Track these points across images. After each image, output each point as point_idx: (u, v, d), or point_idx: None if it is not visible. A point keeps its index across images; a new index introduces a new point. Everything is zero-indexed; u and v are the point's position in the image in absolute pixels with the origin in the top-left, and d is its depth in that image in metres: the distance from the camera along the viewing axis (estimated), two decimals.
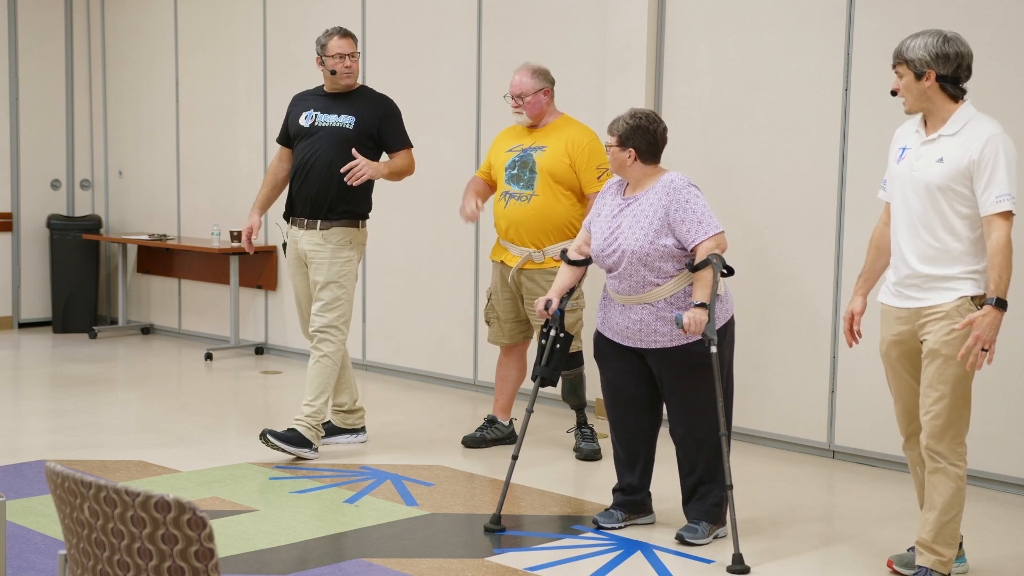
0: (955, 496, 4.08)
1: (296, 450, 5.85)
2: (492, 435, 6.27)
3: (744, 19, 6.36)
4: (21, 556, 4.44)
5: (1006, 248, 3.92)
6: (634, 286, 4.65)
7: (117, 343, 9.53)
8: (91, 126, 10.30)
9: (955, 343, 3.99)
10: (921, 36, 4.10)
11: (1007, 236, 3.93)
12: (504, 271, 6.03)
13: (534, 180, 5.87)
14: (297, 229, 6.02)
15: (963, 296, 4.02)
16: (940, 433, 4.06)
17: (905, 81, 4.10)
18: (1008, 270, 3.93)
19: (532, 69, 5.93)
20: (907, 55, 4.08)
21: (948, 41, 4.06)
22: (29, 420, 6.96)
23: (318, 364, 5.95)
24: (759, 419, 6.32)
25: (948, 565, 4.14)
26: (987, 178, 3.96)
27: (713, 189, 6.04)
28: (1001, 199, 3.92)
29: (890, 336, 4.21)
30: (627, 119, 4.76)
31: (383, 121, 5.99)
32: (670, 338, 4.65)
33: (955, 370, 4.01)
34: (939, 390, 4.03)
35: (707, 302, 4.53)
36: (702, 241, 4.58)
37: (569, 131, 5.92)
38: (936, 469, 4.09)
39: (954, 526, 4.12)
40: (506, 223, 5.95)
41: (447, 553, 4.62)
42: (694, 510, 4.79)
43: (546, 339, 4.98)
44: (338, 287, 5.94)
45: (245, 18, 9.02)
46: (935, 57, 4.04)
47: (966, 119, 4.06)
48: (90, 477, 2.35)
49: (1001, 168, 3.95)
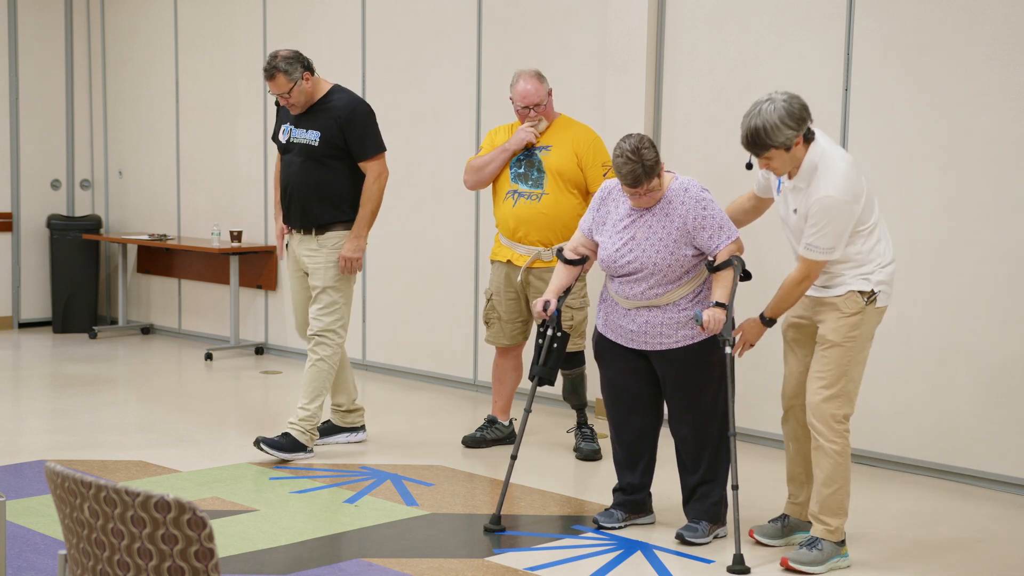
0: (835, 470, 4.44)
1: (290, 455, 5.86)
2: (492, 435, 6.27)
3: (744, 19, 6.36)
4: (21, 556, 4.44)
5: (794, 285, 4.45)
6: (646, 292, 4.64)
7: (117, 343, 9.53)
8: (91, 126, 10.30)
9: (842, 331, 4.40)
10: (765, 115, 4.29)
11: (801, 275, 4.42)
12: (510, 271, 6.01)
13: (543, 179, 5.86)
14: (294, 234, 6.04)
15: (851, 290, 4.42)
16: (820, 412, 4.43)
17: (776, 159, 4.37)
18: (787, 302, 4.50)
19: (535, 75, 5.91)
20: (773, 141, 4.31)
21: (788, 105, 4.30)
22: (29, 420, 6.96)
23: (314, 368, 5.95)
24: (759, 419, 6.32)
25: (836, 533, 4.50)
26: (809, 225, 4.36)
27: (713, 189, 6.01)
28: (810, 248, 4.36)
29: (791, 317, 4.63)
30: (648, 155, 4.53)
31: (346, 131, 5.85)
32: (676, 340, 4.65)
33: (840, 356, 4.41)
34: (823, 373, 4.43)
35: (726, 302, 4.53)
36: (725, 246, 4.59)
37: (573, 130, 5.93)
38: (817, 446, 4.47)
39: (838, 498, 4.47)
40: (515, 222, 5.94)
41: (447, 553, 4.62)
42: (694, 509, 4.79)
43: (543, 338, 4.98)
44: (335, 291, 5.94)
45: (245, 18, 9.02)
46: (797, 125, 4.31)
47: (814, 168, 4.35)
48: (90, 477, 2.35)
49: (818, 221, 4.32)
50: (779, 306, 4.52)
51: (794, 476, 4.76)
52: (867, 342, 4.46)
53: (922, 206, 5.78)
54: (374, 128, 5.94)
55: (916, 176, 5.80)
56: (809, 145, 4.36)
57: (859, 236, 4.40)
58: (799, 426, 4.68)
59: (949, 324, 5.73)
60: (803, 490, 4.73)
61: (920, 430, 5.85)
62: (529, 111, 5.89)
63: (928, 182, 5.77)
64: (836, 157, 4.36)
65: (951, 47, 5.64)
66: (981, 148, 5.59)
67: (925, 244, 5.78)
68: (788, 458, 4.77)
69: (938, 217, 5.75)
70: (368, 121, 5.92)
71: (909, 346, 5.85)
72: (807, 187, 4.36)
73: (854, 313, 4.39)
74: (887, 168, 5.85)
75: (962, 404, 5.71)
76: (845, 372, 4.41)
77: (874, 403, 5.87)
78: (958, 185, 5.67)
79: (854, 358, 4.42)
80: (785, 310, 4.54)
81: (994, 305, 5.60)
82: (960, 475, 5.75)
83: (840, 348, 4.39)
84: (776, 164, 4.37)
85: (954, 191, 5.69)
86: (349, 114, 5.87)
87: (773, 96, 4.33)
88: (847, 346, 4.39)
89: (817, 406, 4.43)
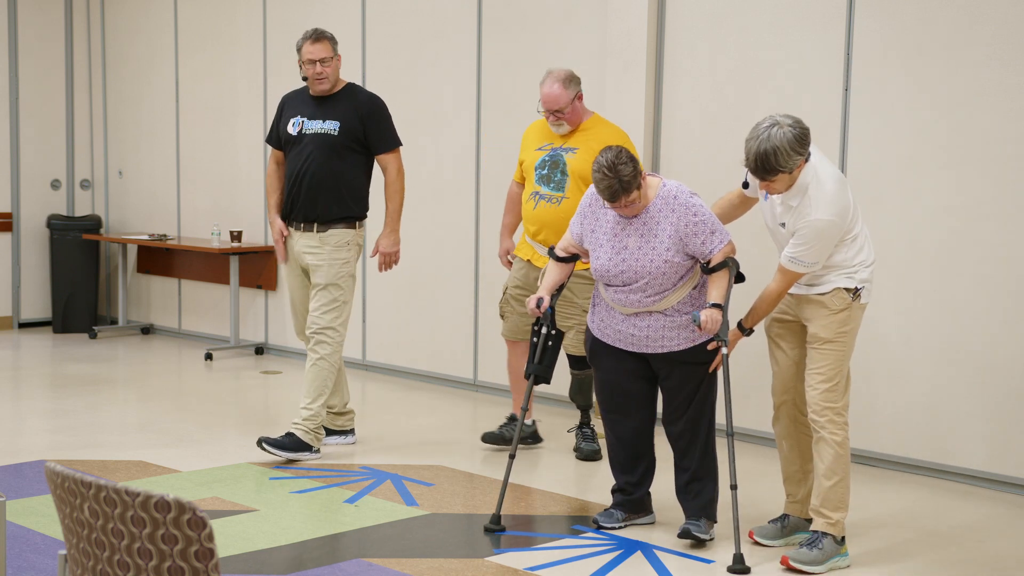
0: (836, 462, 4.48)
1: (294, 455, 5.84)
2: (511, 433, 6.20)
3: (744, 19, 6.36)
4: (21, 556, 4.44)
5: (773, 296, 4.55)
6: (643, 300, 4.64)
7: (117, 343, 9.53)
8: (91, 126, 10.31)
9: (832, 327, 4.48)
10: (775, 140, 4.32)
11: (781, 287, 4.51)
12: (530, 270, 5.97)
13: (565, 183, 5.77)
14: (294, 231, 6.01)
15: (837, 287, 4.49)
16: (822, 406, 4.49)
17: (779, 182, 4.40)
18: (763, 311, 4.60)
19: (562, 79, 5.71)
20: (783, 167, 4.34)
21: (796, 131, 4.34)
22: (29, 420, 6.96)
23: (315, 367, 5.94)
24: (759, 419, 6.31)
25: (837, 527, 4.52)
26: (797, 240, 4.44)
27: (713, 190, 6.03)
28: (794, 261, 4.44)
29: (775, 314, 4.68)
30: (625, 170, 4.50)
31: (367, 122, 5.89)
32: (678, 342, 4.65)
33: (835, 351, 4.48)
34: (821, 369, 4.49)
35: (722, 303, 4.54)
36: (719, 249, 4.59)
37: (601, 133, 5.75)
38: (819, 439, 4.51)
39: (839, 491, 4.50)
40: (536, 226, 5.87)
41: (447, 553, 4.62)
42: (692, 509, 4.78)
43: (538, 337, 4.99)
44: (336, 288, 5.93)
45: (245, 18, 9.02)
46: (803, 149, 4.36)
47: (804, 189, 4.41)
48: (90, 477, 2.35)
49: (807, 239, 4.40)
50: (757, 314, 4.62)
51: (790, 475, 4.78)
52: (855, 336, 4.57)
53: (922, 206, 5.78)
54: (392, 122, 6.00)
55: (916, 176, 5.80)
56: (804, 164, 4.41)
57: (844, 244, 4.49)
58: (791, 422, 4.73)
59: (949, 324, 5.73)
60: (801, 487, 4.75)
61: (920, 430, 5.85)
62: (550, 115, 5.78)
63: (928, 182, 5.77)
64: (826, 177, 4.41)
65: (951, 47, 5.64)
66: (981, 148, 5.59)
67: (925, 244, 5.78)
68: (783, 457, 4.80)
69: (938, 217, 5.75)
70: (387, 115, 5.99)
71: (909, 346, 5.85)
72: (797, 206, 4.43)
73: (842, 309, 4.48)
74: (887, 168, 5.85)
75: (962, 404, 5.71)
76: (840, 366, 4.50)
77: (874, 403, 5.86)
78: (958, 185, 5.67)
79: (847, 352, 4.52)
80: (759, 320, 4.64)
81: (994, 305, 5.60)
82: (960, 475, 5.75)
83: (834, 344, 4.49)
84: (778, 186, 4.42)
85: (954, 191, 5.69)
86: (371, 106, 5.92)
87: (779, 120, 4.34)
88: (840, 341, 4.49)
89: (819, 400, 4.49)
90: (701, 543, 4.72)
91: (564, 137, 5.86)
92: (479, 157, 7.56)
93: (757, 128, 4.35)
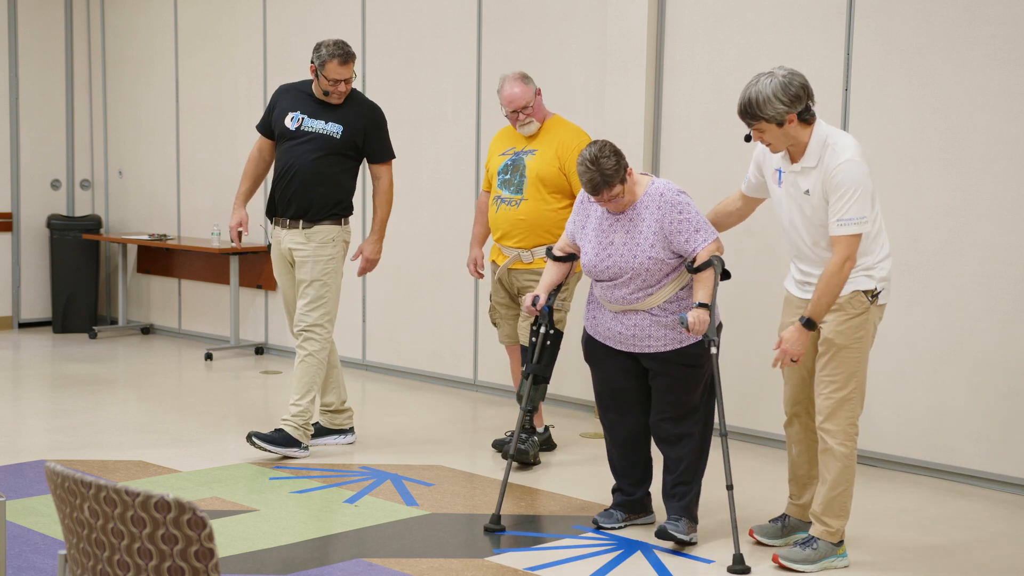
0: (842, 473, 4.41)
1: (283, 450, 5.86)
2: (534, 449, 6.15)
3: (744, 19, 6.36)
4: (21, 556, 4.44)
5: (834, 275, 4.23)
6: (628, 297, 4.65)
7: (117, 343, 9.53)
8: (91, 126, 10.31)
9: (848, 333, 4.33)
10: (761, 87, 4.27)
11: (841, 259, 4.22)
12: (503, 273, 6.02)
13: (523, 184, 5.82)
14: (280, 229, 6.03)
15: (855, 290, 4.33)
16: (833, 415, 4.38)
17: (768, 133, 4.30)
18: (828, 296, 4.25)
19: (519, 77, 5.82)
20: (763, 113, 4.25)
21: (789, 81, 4.26)
22: (29, 420, 6.96)
23: (303, 363, 5.96)
24: (759, 419, 6.32)
25: (836, 535, 4.48)
26: (836, 200, 4.22)
27: (713, 190, 6.04)
28: (843, 223, 4.21)
29: (788, 321, 4.52)
30: (607, 163, 4.51)
31: (369, 131, 5.98)
32: (664, 342, 4.65)
33: (849, 358, 4.34)
34: (834, 376, 4.36)
35: (709, 302, 4.53)
36: (703, 247, 4.58)
37: (559, 134, 5.84)
38: (826, 448, 4.42)
39: (842, 500, 4.45)
40: (499, 231, 5.94)
41: (447, 553, 4.62)
42: (674, 508, 4.77)
43: (536, 336, 5.00)
44: (322, 285, 5.95)
45: (245, 18, 9.02)
46: (790, 102, 4.24)
47: (822, 145, 4.28)
48: (90, 477, 2.35)
49: (845, 189, 4.20)
50: (821, 303, 4.28)
51: (797, 478, 4.74)
52: (871, 340, 4.42)
53: (922, 206, 5.78)
54: (389, 134, 6.11)
55: (916, 176, 5.80)
56: (809, 127, 4.31)
57: (866, 236, 4.33)
58: (803, 430, 4.65)
59: (949, 324, 5.73)
60: (806, 491, 4.71)
61: (920, 430, 5.85)
62: (517, 115, 5.84)
63: (928, 182, 5.77)
64: (843, 134, 4.34)
65: (951, 47, 5.64)
66: (981, 148, 5.59)
67: (925, 244, 5.78)
68: (791, 460, 4.74)
69: (938, 217, 5.74)
70: (386, 126, 6.10)
71: (909, 346, 5.85)
72: (817, 164, 4.27)
73: (859, 313, 4.33)
74: (887, 168, 5.85)
75: (962, 404, 5.71)
76: (855, 374, 4.36)
77: (874, 403, 5.86)
78: (958, 185, 5.67)
79: (862, 358, 4.37)
80: (828, 307, 4.29)
81: (994, 306, 5.60)
82: (960, 475, 5.75)
83: (848, 350, 4.34)
84: (769, 138, 4.31)
85: (954, 191, 5.69)
86: (374, 116, 6.03)
87: (775, 70, 4.30)
88: (855, 347, 4.34)
89: (831, 411, 4.37)
90: (680, 543, 4.69)
91: (527, 139, 5.90)
92: (479, 157, 7.56)
93: (755, 76, 4.33)
